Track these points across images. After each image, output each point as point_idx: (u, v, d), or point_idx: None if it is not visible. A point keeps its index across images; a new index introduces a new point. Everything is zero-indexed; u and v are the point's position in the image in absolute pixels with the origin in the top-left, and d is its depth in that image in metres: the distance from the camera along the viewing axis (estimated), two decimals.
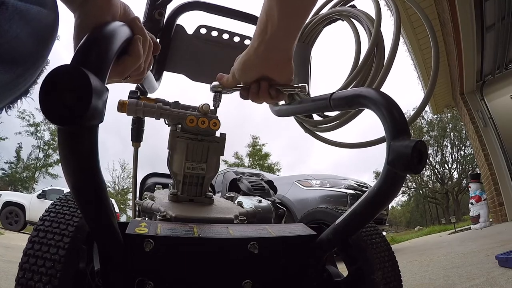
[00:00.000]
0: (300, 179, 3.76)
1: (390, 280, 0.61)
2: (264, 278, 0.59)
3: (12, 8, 0.31)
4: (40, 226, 0.50)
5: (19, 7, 0.31)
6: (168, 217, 0.71)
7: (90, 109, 0.27)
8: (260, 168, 19.82)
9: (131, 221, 0.56)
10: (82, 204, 0.38)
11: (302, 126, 0.93)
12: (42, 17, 0.36)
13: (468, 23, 3.14)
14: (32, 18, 0.34)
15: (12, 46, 0.33)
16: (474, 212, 4.49)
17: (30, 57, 0.36)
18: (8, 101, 0.39)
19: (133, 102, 0.80)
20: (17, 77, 0.36)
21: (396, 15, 0.72)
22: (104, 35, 0.33)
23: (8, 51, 0.33)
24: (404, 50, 4.51)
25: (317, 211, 0.79)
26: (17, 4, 0.31)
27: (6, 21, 0.30)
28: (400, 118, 0.43)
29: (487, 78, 4.46)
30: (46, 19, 0.37)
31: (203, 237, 0.54)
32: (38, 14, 0.35)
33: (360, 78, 0.76)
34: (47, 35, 0.38)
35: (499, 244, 2.30)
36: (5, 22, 0.30)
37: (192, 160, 0.80)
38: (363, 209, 0.50)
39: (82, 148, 0.31)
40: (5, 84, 0.35)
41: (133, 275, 0.51)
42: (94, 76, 0.28)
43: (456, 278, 1.58)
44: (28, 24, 0.34)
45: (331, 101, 0.57)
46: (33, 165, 19.93)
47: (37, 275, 0.45)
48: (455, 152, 20.00)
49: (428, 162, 19.13)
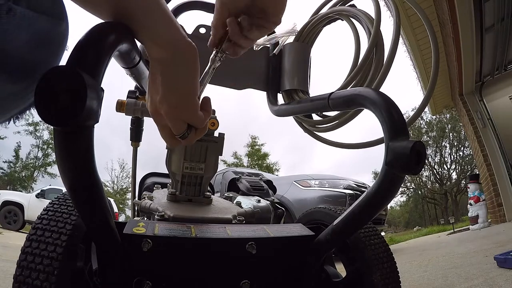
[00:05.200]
0: (299, 179, 3.76)
1: (388, 281, 0.61)
2: (262, 279, 0.58)
3: (20, 16, 0.30)
4: (38, 224, 0.51)
5: (27, 15, 0.31)
6: (166, 217, 0.71)
7: (85, 109, 0.27)
8: (259, 168, 19.81)
9: (129, 221, 0.56)
10: (78, 204, 0.38)
11: (302, 126, 0.93)
12: (52, 26, 0.35)
13: (468, 24, 3.14)
14: (41, 27, 0.33)
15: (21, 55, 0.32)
16: (473, 212, 4.50)
17: (39, 67, 0.35)
18: (16, 111, 0.39)
19: (131, 102, 0.80)
20: (26, 87, 0.35)
21: (396, 14, 0.72)
22: (99, 36, 0.32)
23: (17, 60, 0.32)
24: (403, 51, 4.52)
25: (316, 211, 0.79)
26: (26, 12, 0.31)
27: (14, 28, 0.30)
28: (399, 118, 0.43)
29: (486, 79, 4.47)
30: (56, 28, 0.36)
31: (201, 237, 0.54)
32: (48, 24, 0.34)
33: (359, 78, 0.76)
34: (56, 44, 0.37)
35: (497, 245, 2.31)
36: (13, 29, 0.30)
37: (190, 160, 0.80)
38: (361, 210, 0.49)
39: (77, 148, 0.31)
40: (14, 94, 0.35)
41: (131, 275, 0.51)
42: (89, 77, 0.28)
43: (454, 278, 1.59)
44: (37, 33, 0.33)
45: (329, 101, 0.57)
46: (32, 165, 19.90)
47: (34, 273, 0.45)
48: (454, 152, 20.03)
49: (427, 163, 19.16)
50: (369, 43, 0.73)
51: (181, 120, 0.42)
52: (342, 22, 0.87)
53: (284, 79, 0.89)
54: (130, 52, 0.44)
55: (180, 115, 0.42)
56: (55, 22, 0.36)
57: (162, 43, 0.39)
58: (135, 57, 0.48)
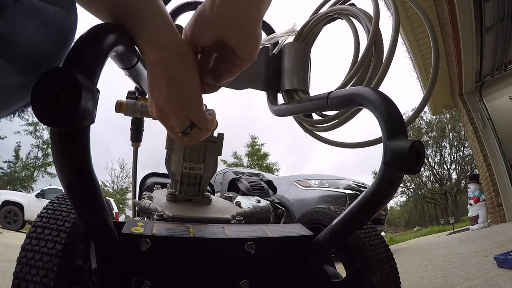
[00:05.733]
0: (299, 179, 3.76)
1: (388, 282, 0.61)
2: (261, 279, 0.58)
3: (28, 5, 0.30)
4: (38, 222, 0.51)
5: (35, 5, 0.30)
6: (165, 216, 0.71)
7: (80, 110, 0.27)
8: (259, 168, 19.81)
9: (127, 221, 0.56)
10: (75, 204, 0.39)
11: (302, 126, 0.93)
12: (60, 17, 0.35)
13: (468, 24, 3.14)
14: (49, 18, 0.33)
15: (27, 46, 0.32)
16: (473, 212, 4.49)
17: (46, 59, 0.35)
18: (21, 105, 0.38)
19: (130, 102, 0.80)
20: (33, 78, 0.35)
21: (395, 12, 0.72)
22: (96, 37, 0.33)
23: (24, 52, 0.32)
24: (403, 51, 4.52)
25: (315, 211, 0.79)
26: (34, 2, 0.30)
27: (22, 18, 0.29)
28: (397, 117, 0.43)
29: (486, 79, 4.47)
30: (65, 20, 0.36)
31: (199, 237, 0.54)
32: (56, 14, 0.34)
33: (358, 77, 0.76)
34: (65, 36, 0.37)
35: (497, 245, 2.31)
36: (21, 19, 0.29)
37: (189, 160, 0.80)
38: (360, 210, 0.49)
39: (74, 148, 0.32)
40: (20, 86, 0.35)
41: (130, 274, 0.51)
42: (84, 78, 0.28)
43: (454, 278, 1.59)
44: (45, 24, 0.32)
45: (328, 100, 0.57)
46: (32, 164, 19.91)
47: (34, 269, 0.45)
48: (454, 152, 20.04)
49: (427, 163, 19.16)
50: (368, 42, 0.73)
51: (184, 115, 0.43)
52: (342, 21, 0.86)
53: (284, 79, 0.89)
54: (127, 53, 0.44)
55: (183, 111, 0.43)
56: (64, 13, 0.35)
57: (157, 44, 0.40)
58: (133, 58, 0.48)
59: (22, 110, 0.40)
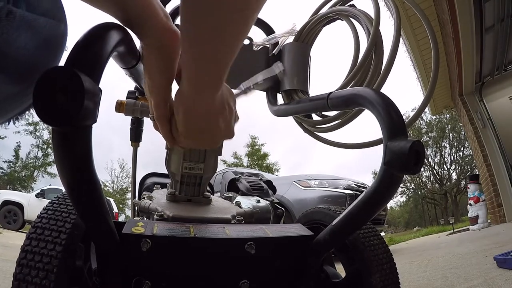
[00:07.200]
0: (299, 179, 3.76)
1: (388, 282, 0.61)
2: (261, 279, 0.58)
3: (20, 18, 0.30)
4: (37, 223, 0.51)
5: (26, 17, 0.31)
6: (165, 216, 0.71)
7: (82, 109, 0.27)
8: (258, 168, 19.81)
9: (128, 221, 0.56)
10: (77, 204, 0.39)
11: (301, 126, 0.93)
12: (51, 28, 0.35)
13: (468, 24, 3.14)
14: (40, 29, 0.34)
15: (20, 57, 0.33)
16: (473, 213, 4.50)
17: (38, 69, 0.36)
18: (16, 112, 0.39)
19: (130, 102, 0.80)
20: (25, 88, 0.35)
21: (396, 15, 0.72)
22: (98, 36, 0.33)
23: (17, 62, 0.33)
24: (403, 51, 4.52)
25: (315, 211, 0.79)
26: (25, 14, 0.31)
27: (14, 31, 0.30)
28: (397, 118, 0.43)
29: (486, 79, 4.47)
30: (55, 30, 0.36)
31: (199, 237, 0.54)
32: (46, 25, 0.35)
33: (358, 78, 0.76)
34: (55, 46, 0.37)
35: (497, 245, 2.31)
36: (13, 31, 0.30)
37: (189, 160, 0.80)
38: (360, 210, 0.49)
39: (75, 148, 0.32)
40: (13, 95, 0.35)
41: (130, 274, 0.51)
42: (87, 77, 0.28)
43: (454, 279, 1.59)
44: (37, 35, 0.33)
45: (328, 100, 0.57)
46: (32, 164, 19.91)
47: (34, 271, 0.45)
48: (454, 153, 20.04)
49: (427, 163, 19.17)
50: (368, 43, 0.73)
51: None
52: (341, 22, 0.87)
53: (284, 79, 0.89)
54: (128, 53, 0.44)
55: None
56: (54, 24, 0.36)
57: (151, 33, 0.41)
58: (134, 57, 0.48)
59: (17, 118, 0.40)
